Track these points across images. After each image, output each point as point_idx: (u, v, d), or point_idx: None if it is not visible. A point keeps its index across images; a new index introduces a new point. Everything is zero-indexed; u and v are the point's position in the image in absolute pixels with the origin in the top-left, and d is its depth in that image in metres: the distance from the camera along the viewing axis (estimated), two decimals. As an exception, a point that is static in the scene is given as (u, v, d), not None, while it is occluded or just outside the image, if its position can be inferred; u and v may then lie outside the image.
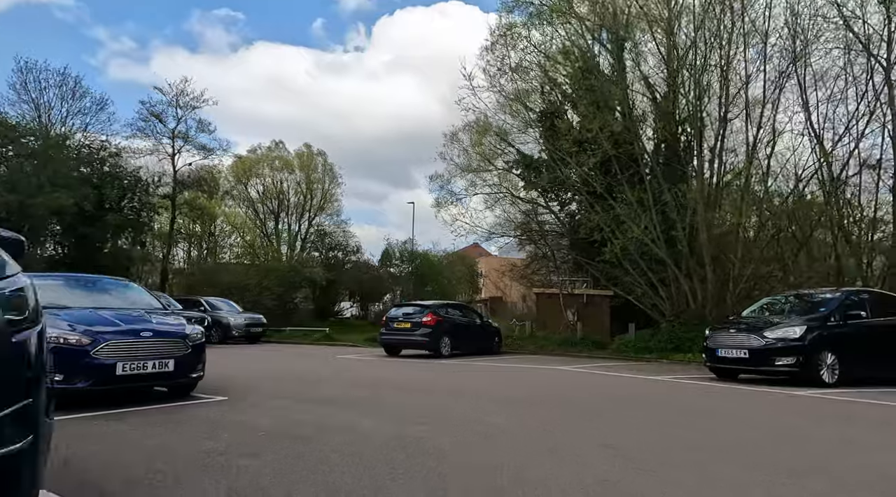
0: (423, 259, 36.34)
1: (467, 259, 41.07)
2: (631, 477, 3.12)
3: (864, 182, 18.53)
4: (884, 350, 8.01)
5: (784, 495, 2.89)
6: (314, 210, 40.63)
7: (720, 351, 8.14)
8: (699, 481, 3.09)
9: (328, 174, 41.66)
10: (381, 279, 32.06)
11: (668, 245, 13.92)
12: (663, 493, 2.84)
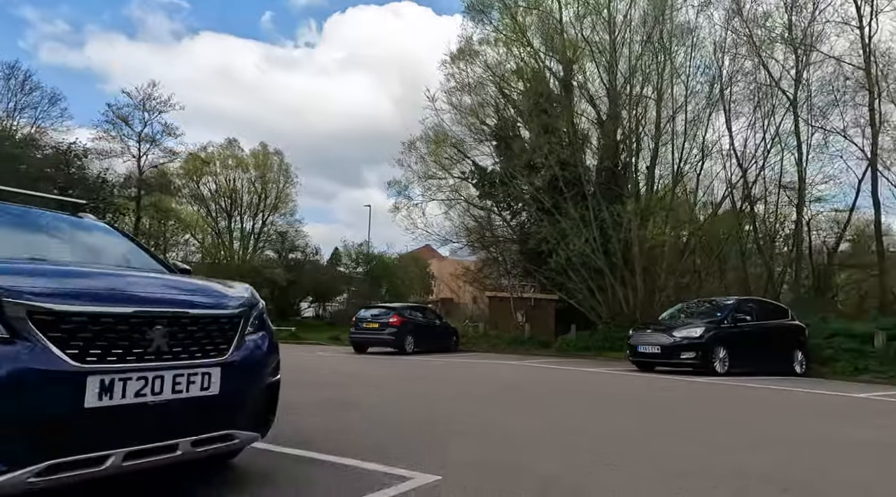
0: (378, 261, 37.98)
1: (420, 261, 42.79)
2: (573, 425, 4.92)
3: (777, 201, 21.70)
4: (763, 347, 10.30)
5: (679, 432, 4.76)
6: (268, 209, 41.29)
7: (640, 347, 10.22)
8: (624, 431, 4.93)
9: (283, 174, 42.32)
10: (337, 279, 33.31)
11: (606, 256, 16.15)
12: (601, 432, 4.64)
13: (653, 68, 20.27)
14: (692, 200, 21.09)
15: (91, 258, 3.24)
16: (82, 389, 1.96)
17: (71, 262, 2.90)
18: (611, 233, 15.93)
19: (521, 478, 2.99)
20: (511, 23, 22.39)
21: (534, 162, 17.18)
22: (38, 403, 1.89)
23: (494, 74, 23.35)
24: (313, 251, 37.06)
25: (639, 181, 18.77)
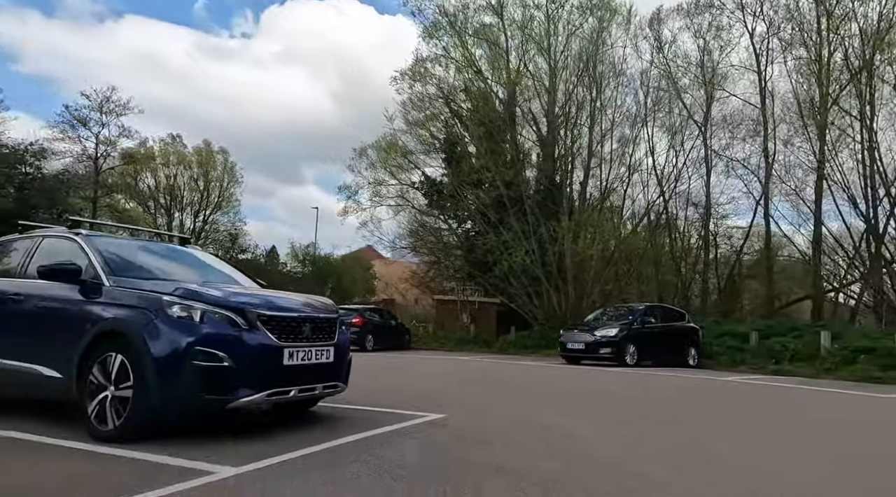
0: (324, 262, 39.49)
1: (363, 261, 44.50)
2: (525, 393, 7.11)
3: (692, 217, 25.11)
4: (664, 344, 13.02)
5: (605, 407, 7.03)
6: (211, 208, 41.62)
7: (568, 344, 12.68)
8: (564, 406, 7.17)
9: (228, 173, 42.72)
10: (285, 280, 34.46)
11: (543, 266, 18.70)
12: (544, 397, 6.84)
13: (586, 97, 23.21)
14: (617, 216, 24.22)
15: (220, 278, 5.09)
16: (281, 355, 3.92)
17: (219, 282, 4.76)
18: (547, 246, 18.52)
19: (491, 416, 5.13)
20: (462, 49, 24.75)
21: (481, 180, 19.51)
22: (265, 361, 3.84)
23: (444, 93, 25.61)
24: (263, 253, 38.01)
25: (573, 199, 21.54)
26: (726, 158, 23.50)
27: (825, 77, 20.59)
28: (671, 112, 24.41)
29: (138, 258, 4.63)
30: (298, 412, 4.75)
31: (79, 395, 3.83)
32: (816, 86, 20.73)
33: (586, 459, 3.71)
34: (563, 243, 18.39)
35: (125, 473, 2.97)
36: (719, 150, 23.58)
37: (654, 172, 23.97)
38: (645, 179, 24.21)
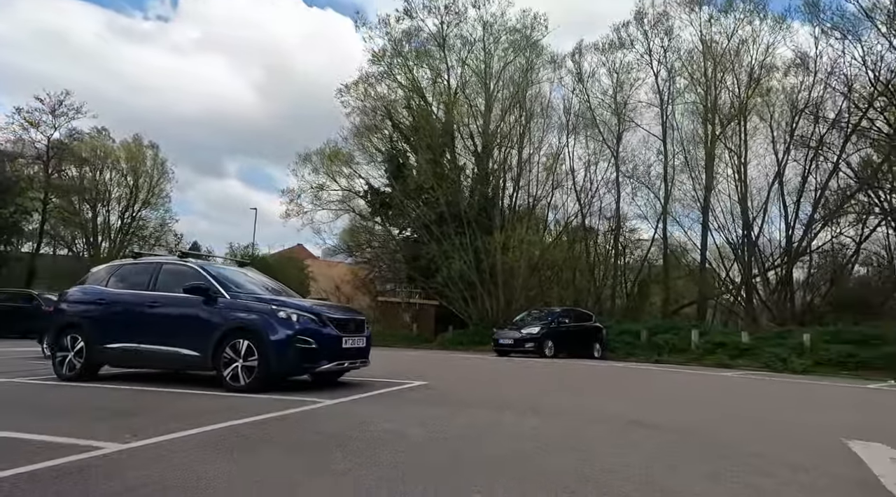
0: (262, 261, 40.90)
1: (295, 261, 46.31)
2: (472, 373, 10.12)
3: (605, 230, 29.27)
4: (575, 340, 16.54)
5: (534, 389, 10.15)
6: (139, 204, 41.81)
7: (500, 340, 15.89)
8: (501, 380, 10.23)
9: (158, 168, 42.96)
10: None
11: (478, 273, 21.95)
12: (488, 376, 9.87)
13: (517, 120, 26.79)
14: (542, 227, 28.01)
15: (278, 291, 7.72)
16: (341, 341, 6.72)
17: (284, 295, 7.42)
18: (482, 256, 21.80)
19: (456, 383, 8.11)
20: (405, 71, 27.66)
21: (427, 199, 22.50)
22: (333, 344, 6.62)
23: (387, 109, 28.41)
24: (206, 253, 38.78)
25: (504, 212, 24.99)
26: (633, 179, 27.82)
27: (711, 116, 25.22)
28: (589, 136, 28.48)
29: (232, 277, 7.22)
30: (333, 382, 7.50)
31: (213, 366, 6.43)
32: (703, 124, 25.35)
33: (517, 400, 6.77)
34: (495, 254, 21.74)
35: (263, 404, 5.60)
36: (627, 172, 27.83)
37: (573, 189, 27.98)
38: (566, 195, 28.22)
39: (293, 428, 4.55)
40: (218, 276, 6.94)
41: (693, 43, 25.87)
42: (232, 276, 7.22)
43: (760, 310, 22.76)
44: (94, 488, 2.80)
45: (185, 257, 7.44)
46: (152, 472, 3.07)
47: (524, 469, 3.38)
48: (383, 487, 2.91)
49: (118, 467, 3.15)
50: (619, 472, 3.31)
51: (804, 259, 24.40)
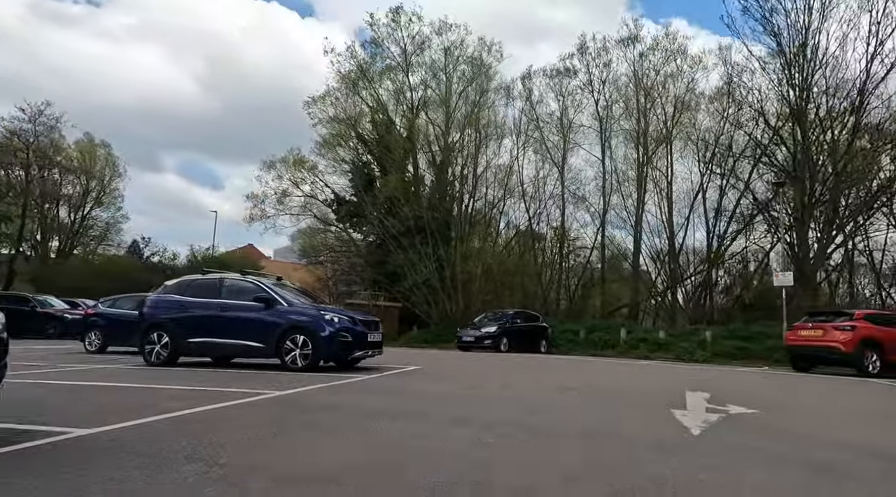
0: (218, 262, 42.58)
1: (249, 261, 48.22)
2: (448, 362, 13.22)
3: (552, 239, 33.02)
4: (526, 338, 19.91)
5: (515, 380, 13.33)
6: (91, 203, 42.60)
7: (463, 338, 19.05)
8: (470, 367, 13.36)
9: (111, 167, 43.75)
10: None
11: (440, 280, 25.05)
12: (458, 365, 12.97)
13: (473, 137, 30.11)
14: (495, 237, 31.48)
15: (312, 297, 10.58)
16: (367, 336, 9.68)
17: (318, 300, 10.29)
18: (444, 264, 24.95)
19: (441, 368, 11.21)
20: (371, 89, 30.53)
21: (394, 210, 25.44)
22: (362, 338, 9.57)
23: (352, 122, 31.14)
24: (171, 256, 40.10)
25: (462, 225, 28.24)
26: (576, 194, 31.64)
27: (643, 141, 29.29)
28: (538, 152, 32.10)
29: (281, 290, 10.03)
30: (353, 367, 10.41)
31: (275, 354, 9.24)
32: (635, 148, 29.42)
33: (490, 379, 9.93)
34: (455, 263, 24.95)
35: (319, 377, 8.51)
36: (570, 187, 31.61)
37: (523, 201, 31.55)
38: (517, 206, 31.78)
39: (363, 387, 7.53)
40: (275, 289, 9.76)
41: (627, 76, 29.94)
42: (280, 289, 10.04)
43: (678, 311, 26.93)
44: (288, 407, 5.71)
45: (245, 275, 10.21)
46: (317, 401, 6.01)
47: (502, 405, 6.52)
48: (434, 408, 5.97)
49: (292, 399, 6.07)
50: (546, 409, 6.50)
51: (720, 267, 28.86)
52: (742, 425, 5.37)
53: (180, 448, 3.63)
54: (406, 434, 4.42)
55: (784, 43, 22.81)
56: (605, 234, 30.80)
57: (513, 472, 3.39)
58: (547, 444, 4.29)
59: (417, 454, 3.77)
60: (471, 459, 3.63)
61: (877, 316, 13.36)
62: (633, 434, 4.75)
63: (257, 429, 4.45)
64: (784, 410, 6.84)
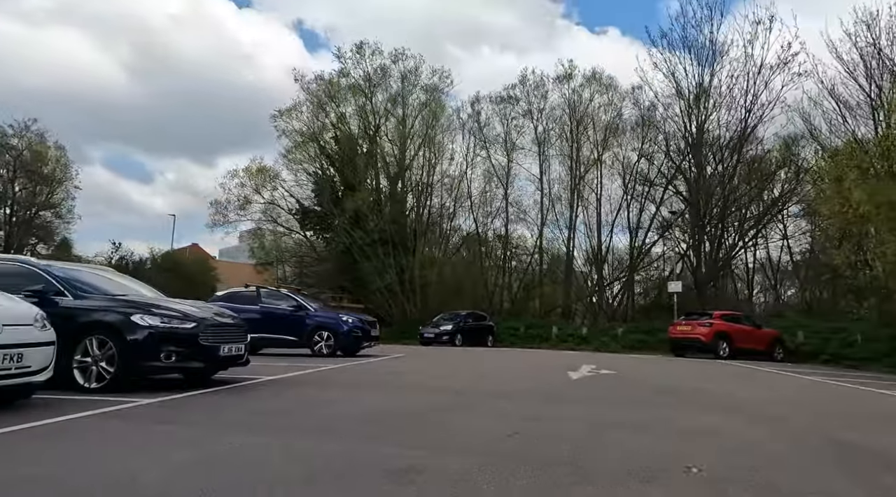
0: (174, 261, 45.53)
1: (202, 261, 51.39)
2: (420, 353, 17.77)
3: (497, 247, 38.07)
4: (476, 334, 24.68)
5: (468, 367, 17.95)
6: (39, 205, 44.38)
7: (425, 334, 23.64)
8: (435, 357, 17.95)
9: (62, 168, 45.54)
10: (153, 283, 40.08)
11: (401, 284, 29.49)
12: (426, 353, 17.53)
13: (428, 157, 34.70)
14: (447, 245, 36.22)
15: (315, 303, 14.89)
16: (370, 332, 14.11)
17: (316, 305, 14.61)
18: (405, 270, 29.42)
19: (419, 355, 15.77)
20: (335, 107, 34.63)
21: (361, 224, 29.66)
22: (368, 334, 14.01)
23: (316, 136, 35.10)
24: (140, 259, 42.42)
25: (418, 235, 32.79)
26: (518, 207, 36.75)
27: (575, 163, 34.68)
28: (485, 169, 37.00)
29: (304, 300, 14.29)
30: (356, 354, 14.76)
31: (307, 345, 13.53)
32: (568, 170, 34.80)
33: (457, 362, 14.57)
34: (414, 270, 29.48)
35: (343, 360, 12.87)
36: (513, 201, 36.69)
37: (471, 212, 36.38)
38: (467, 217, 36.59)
39: (373, 367, 11.99)
40: (304, 298, 14.04)
41: (562, 107, 35.23)
42: (304, 299, 14.33)
43: (600, 311, 32.53)
44: (330, 380, 10.14)
45: (279, 288, 14.41)
46: (345, 376, 10.45)
47: (468, 373, 11.19)
48: (428, 369, 10.54)
49: (346, 369, 10.47)
50: (494, 373, 11.23)
51: (638, 273, 34.70)
52: (601, 377, 10.24)
53: (322, 385, 8.07)
54: (418, 383, 8.99)
55: (684, 89, 28.63)
56: (542, 244, 36.06)
57: (483, 393, 8.03)
58: (496, 385, 8.97)
59: (426, 390, 8.36)
60: (455, 390, 8.25)
61: (728, 316, 18.92)
62: (544, 378, 9.51)
63: (354, 379, 8.91)
64: (632, 372, 11.83)
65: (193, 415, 5.42)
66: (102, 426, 4.73)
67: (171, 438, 4.35)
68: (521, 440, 4.53)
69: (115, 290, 7.57)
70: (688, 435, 5.00)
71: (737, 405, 7.38)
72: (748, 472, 3.66)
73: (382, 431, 4.85)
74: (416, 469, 3.43)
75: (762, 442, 4.85)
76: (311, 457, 3.80)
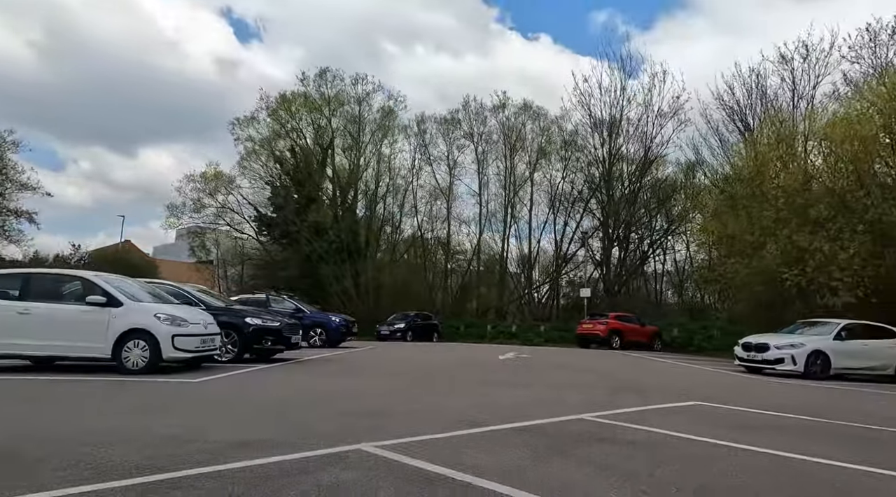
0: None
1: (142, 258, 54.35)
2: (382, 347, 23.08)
3: (438, 252, 43.65)
4: (423, 331, 30.10)
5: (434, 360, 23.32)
6: (-18, 205, 46.38)
7: (381, 331, 28.86)
8: (395, 349, 23.29)
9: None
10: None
11: (356, 287, 34.52)
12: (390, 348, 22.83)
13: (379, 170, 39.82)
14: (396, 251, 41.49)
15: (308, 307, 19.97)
16: (351, 328, 19.32)
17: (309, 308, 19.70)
18: (360, 276, 34.47)
19: (384, 350, 21.09)
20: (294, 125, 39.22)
21: (320, 233, 34.45)
22: (350, 329, 19.21)
23: (272, 148, 39.55)
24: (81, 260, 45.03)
25: (372, 243, 37.91)
26: (459, 219, 42.46)
27: (510, 181, 40.72)
28: (430, 183, 42.46)
29: (300, 304, 19.29)
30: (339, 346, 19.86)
31: (305, 338, 18.57)
32: (503, 187, 40.80)
33: (413, 352, 19.97)
34: (367, 274, 34.59)
35: (331, 351, 17.99)
36: (455, 214, 42.37)
37: (415, 219, 41.79)
38: (413, 225, 41.95)
39: (361, 353, 17.24)
40: (299, 303, 19.07)
41: (498, 132, 41.15)
42: (300, 303, 19.34)
43: (528, 311, 38.77)
44: (342, 359, 15.39)
45: (281, 294, 19.32)
46: (351, 357, 15.70)
47: (426, 359, 16.66)
48: (402, 361, 15.93)
49: (340, 357, 15.70)
50: (440, 360, 16.77)
51: (562, 277, 41.18)
52: (520, 359, 15.95)
53: (339, 360, 13.36)
54: (399, 359, 14.38)
55: (599, 124, 35.17)
56: (480, 251, 41.94)
57: (443, 366, 13.54)
58: (450, 362, 14.49)
59: (406, 363, 13.80)
60: (425, 365, 13.74)
61: (621, 316, 25.26)
62: (480, 360, 15.11)
63: (359, 358, 14.19)
64: (544, 356, 17.63)
65: (295, 370, 10.63)
66: (257, 374, 9.86)
67: (278, 381, 9.62)
68: (461, 385, 10.05)
69: (213, 301, 12.55)
70: (556, 386, 10.61)
71: (595, 370, 13.17)
72: (577, 392, 9.29)
73: (381, 379, 10.24)
74: (401, 384, 8.87)
75: (592, 383, 10.51)
76: (358, 385, 9.18)
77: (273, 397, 7.45)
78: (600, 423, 5.93)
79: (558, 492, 3.41)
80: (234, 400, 7.12)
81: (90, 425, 5.00)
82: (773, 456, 4.70)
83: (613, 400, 8.01)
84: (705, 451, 4.84)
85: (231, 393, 7.77)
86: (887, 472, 4.34)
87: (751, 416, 7.27)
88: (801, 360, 13.24)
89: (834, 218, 17.14)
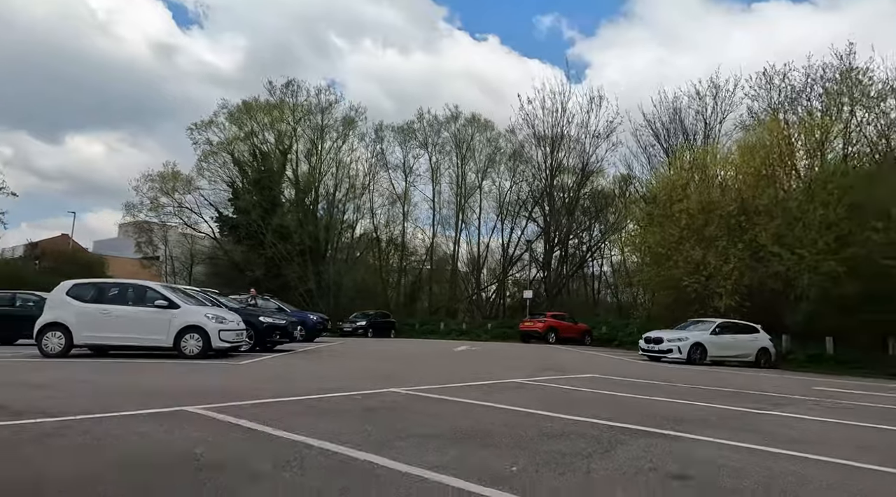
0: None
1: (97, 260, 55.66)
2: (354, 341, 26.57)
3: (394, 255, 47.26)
4: (383, 328, 33.69)
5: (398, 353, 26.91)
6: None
7: (345, 327, 32.30)
8: (359, 345, 26.82)
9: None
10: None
11: (319, 288, 37.73)
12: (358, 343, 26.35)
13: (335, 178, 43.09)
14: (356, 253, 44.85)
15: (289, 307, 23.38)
16: (325, 325, 22.81)
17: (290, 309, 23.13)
18: (321, 276, 37.71)
19: (356, 345, 24.66)
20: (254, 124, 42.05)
21: (285, 236, 37.48)
22: (324, 326, 22.72)
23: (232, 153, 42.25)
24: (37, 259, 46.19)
25: (334, 246, 41.15)
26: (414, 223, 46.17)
27: (462, 189, 44.69)
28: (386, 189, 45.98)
29: (283, 305, 22.66)
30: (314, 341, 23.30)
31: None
32: (455, 195, 44.74)
33: (377, 347, 23.66)
34: (330, 274, 37.88)
35: (312, 344, 21.47)
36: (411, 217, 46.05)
37: (372, 223, 45.25)
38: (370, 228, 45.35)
39: (338, 345, 20.80)
40: (280, 303, 22.44)
41: (451, 142, 45.05)
42: (281, 302, 22.69)
43: (477, 310, 42.96)
44: (325, 349, 18.97)
45: (264, 295, 22.60)
46: (333, 348, 19.27)
47: (397, 348, 20.41)
48: (373, 352, 19.62)
49: (322, 348, 19.25)
50: (398, 351, 20.56)
51: (508, 277, 45.52)
52: (472, 351, 19.92)
53: (327, 350, 16.99)
54: (372, 351, 18.09)
55: (541, 139, 39.58)
56: (433, 253, 45.80)
57: (409, 355, 17.35)
58: (413, 353, 18.31)
59: (378, 353, 17.54)
60: (394, 356, 17.51)
61: (557, 315, 29.64)
62: (441, 351, 18.96)
63: (340, 349, 17.80)
64: (492, 349, 21.62)
65: (303, 357, 14.21)
66: (278, 359, 13.39)
67: (301, 362, 13.25)
68: (434, 365, 13.91)
69: (229, 303, 15.95)
70: (501, 365, 14.52)
71: (526, 358, 17.21)
72: (515, 370, 13.26)
73: (372, 361, 13.97)
74: (390, 363, 12.67)
75: (519, 365, 14.50)
76: (364, 365, 12.91)
77: (310, 372, 11.06)
78: (527, 383, 9.89)
79: (507, 403, 7.26)
80: (284, 374, 10.67)
81: (237, 383, 8.56)
82: (618, 397, 8.74)
83: (539, 373, 12.01)
84: (581, 394, 8.84)
85: (276, 370, 11.30)
86: (705, 404, 8.42)
87: (625, 382, 11.39)
88: (685, 350, 17.69)
89: (722, 237, 21.86)
